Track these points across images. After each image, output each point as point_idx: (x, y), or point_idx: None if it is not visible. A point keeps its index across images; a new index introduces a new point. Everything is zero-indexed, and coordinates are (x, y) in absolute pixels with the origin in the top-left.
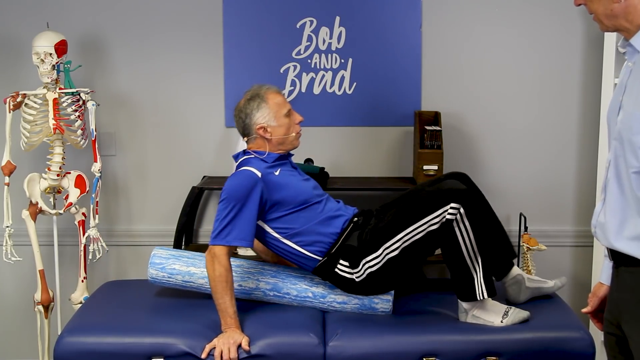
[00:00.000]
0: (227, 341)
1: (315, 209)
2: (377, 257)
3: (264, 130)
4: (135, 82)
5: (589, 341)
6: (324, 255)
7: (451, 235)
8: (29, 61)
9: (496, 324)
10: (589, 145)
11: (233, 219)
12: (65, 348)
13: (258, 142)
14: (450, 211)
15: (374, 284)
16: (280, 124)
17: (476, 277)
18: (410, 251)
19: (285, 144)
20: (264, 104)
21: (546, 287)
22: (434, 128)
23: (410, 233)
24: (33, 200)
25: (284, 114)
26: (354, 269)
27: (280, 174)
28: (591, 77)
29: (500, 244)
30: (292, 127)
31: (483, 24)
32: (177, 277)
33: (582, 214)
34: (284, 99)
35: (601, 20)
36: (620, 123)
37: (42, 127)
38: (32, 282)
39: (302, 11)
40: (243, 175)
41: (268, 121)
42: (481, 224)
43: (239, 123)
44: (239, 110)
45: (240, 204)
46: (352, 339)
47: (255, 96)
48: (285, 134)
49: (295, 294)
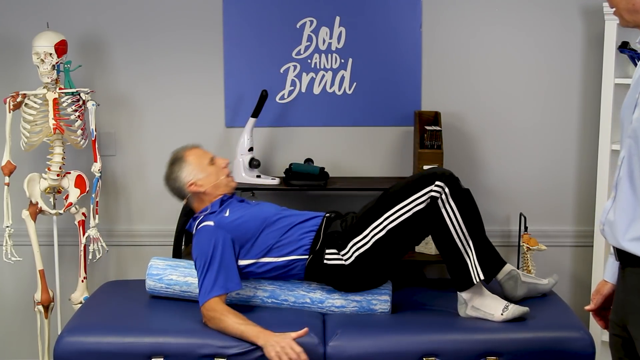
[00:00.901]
0: (279, 344)
1: (281, 222)
2: (364, 238)
3: (195, 185)
4: (135, 82)
5: (589, 341)
6: (309, 253)
7: (438, 216)
8: (29, 61)
9: (496, 317)
10: (589, 145)
11: (213, 271)
12: (65, 348)
13: (197, 200)
14: (434, 189)
15: (365, 270)
16: (207, 174)
17: (469, 259)
18: (398, 232)
19: (220, 187)
20: (184, 163)
21: (542, 285)
22: (434, 128)
23: (396, 213)
24: (33, 200)
25: (207, 164)
26: (341, 252)
27: (230, 213)
28: (591, 77)
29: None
30: (220, 172)
31: (483, 24)
32: (174, 287)
33: (582, 214)
34: (203, 151)
35: (622, 15)
36: (636, 121)
37: (42, 127)
38: (32, 282)
39: (302, 11)
40: (201, 232)
41: (195, 176)
42: (468, 208)
43: (172, 191)
44: (166, 179)
45: (211, 255)
46: (352, 339)
47: (175, 160)
48: (216, 180)
49: (293, 300)
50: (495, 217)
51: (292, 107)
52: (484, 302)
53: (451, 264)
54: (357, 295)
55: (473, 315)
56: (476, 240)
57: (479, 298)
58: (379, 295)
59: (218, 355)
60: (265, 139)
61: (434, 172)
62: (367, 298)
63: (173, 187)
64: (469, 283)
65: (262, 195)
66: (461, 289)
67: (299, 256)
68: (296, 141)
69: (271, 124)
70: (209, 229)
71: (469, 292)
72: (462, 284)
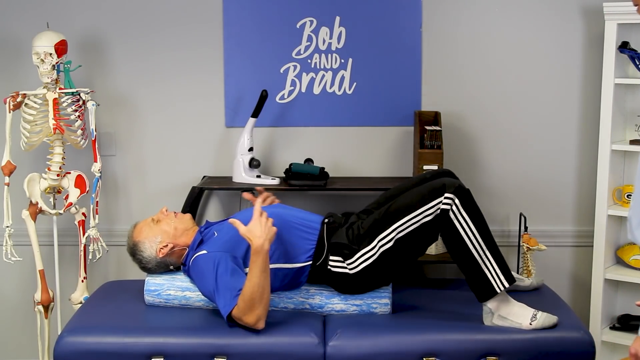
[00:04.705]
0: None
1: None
2: (371, 250)
3: (165, 248)
4: (135, 82)
5: (589, 341)
6: (312, 260)
7: (450, 227)
8: (29, 61)
9: (524, 326)
10: (589, 145)
11: (222, 288)
12: (65, 348)
13: (176, 255)
14: (444, 201)
15: (369, 278)
16: (164, 233)
17: (488, 269)
18: (404, 243)
19: (180, 230)
20: (140, 244)
21: (522, 285)
22: (434, 128)
23: (404, 224)
24: (33, 200)
25: (154, 227)
26: (346, 261)
27: (218, 233)
28: (591, 77)
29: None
30: (168, 221)
31: (483, 24)
32: (173, 301)
33: (582, 214)
34: (143, 222)
35: None
36: None
37: (42, 127)
38: (32, 282)
39: (302, 11)
40: (198, 262)
41: (158, 245)
42: (480, 217)
43: (156, 270)
44: (142, 269)
45: (216, 274)
46: (352, 339)
47: (131, 247)
48: (175, 231)
49: (293, 307)
50: (495, 217)
51: (292, 107)
52: (512, 310)
53: (470, 275)
54: (357, 299)
55: (499, 324)
56: (492, 248)
57: (505, 307)
58: (379, 299)
59: (218, 355)
60: (265, 139)
61: (443, 184)
62: (367, 302)
63: (153, 267)
64: (491, 293)
65: None
66: (483, 299)
67: (303, 263)
68: (296, 141)
69: (271, 124)
70: (203, 256)
71: (494, 301)
72: (483, 295)
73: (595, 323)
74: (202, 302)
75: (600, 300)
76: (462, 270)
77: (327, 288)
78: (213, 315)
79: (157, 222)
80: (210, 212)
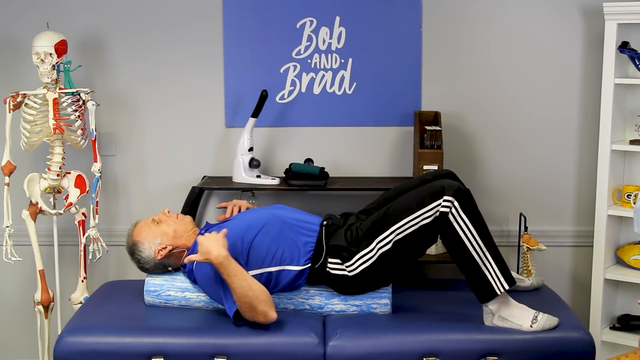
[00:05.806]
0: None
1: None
2: (370, 252)
3: (163, 250)
4: (135, 82)
5: (589, 341)
6: (311, 263)
7: (450, 230)
8: (29, 61)
9: (525, 327)
10: (589, 145)
11: (225, 290)
12: (65, 348)
13: (175, 257)
14: (443, 204)
15: (368, 280)
16: (164, 235)
17: (489, 271)
18: (403, 245)
19: (184, 232)
20: (139, 244)
21: (522, 285)
22: (434, 128)
23: (402, 226)
24: (33, 200)
25: (155, 227)
26: (345, 263)
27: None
28: (591, 77)
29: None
30: (169, 222)
31: (483, 24)
32: (173, 302)
33: (582, 214)
34: (144, 221)
35: None
36: None
37: (42, 127)
38: (32, 282)
39: (302, 11)
40: (200, 265)
41: (157, 246)
42: (480, 218)
43: (154, 271)
44: (141, 269)
45: (217, 276)
46: (352, 339)
47: (130, 247)
48: (175, 233)
49: (293, 308)
50: (495, 217)
51: (292, 107)
52: (512, 312)
53: (470, 277)
54: (357, 299)
55: (500, 325)
56: (492, 250)
57: (506, 308)
58: (379, 299)
59: (218, 355)
60: (265, 139)
61: (442, 186)
62: (367, 302)
63: (150, 268)
64: (491, 294)
65: (262, 195)
66: (483, 300)
67: (302, 266)
68: (296, 141)
69: (271, 124)
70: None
71: (495, 302)
72: (483, 296)
73: (595, 323)
74: (202, 302)
75: (600, 300)
76: (463, 272)
77: (327, 289)
78: (213, 315)
79: (157, 223)
80: (210, 212)
